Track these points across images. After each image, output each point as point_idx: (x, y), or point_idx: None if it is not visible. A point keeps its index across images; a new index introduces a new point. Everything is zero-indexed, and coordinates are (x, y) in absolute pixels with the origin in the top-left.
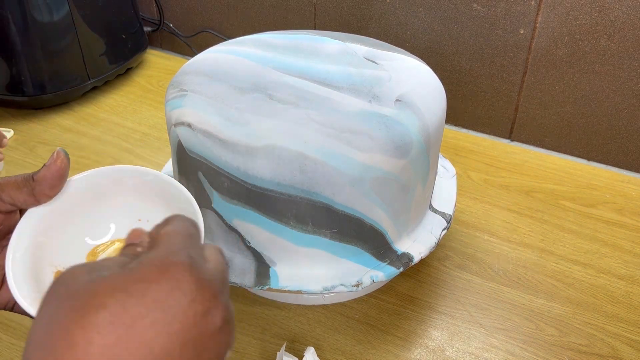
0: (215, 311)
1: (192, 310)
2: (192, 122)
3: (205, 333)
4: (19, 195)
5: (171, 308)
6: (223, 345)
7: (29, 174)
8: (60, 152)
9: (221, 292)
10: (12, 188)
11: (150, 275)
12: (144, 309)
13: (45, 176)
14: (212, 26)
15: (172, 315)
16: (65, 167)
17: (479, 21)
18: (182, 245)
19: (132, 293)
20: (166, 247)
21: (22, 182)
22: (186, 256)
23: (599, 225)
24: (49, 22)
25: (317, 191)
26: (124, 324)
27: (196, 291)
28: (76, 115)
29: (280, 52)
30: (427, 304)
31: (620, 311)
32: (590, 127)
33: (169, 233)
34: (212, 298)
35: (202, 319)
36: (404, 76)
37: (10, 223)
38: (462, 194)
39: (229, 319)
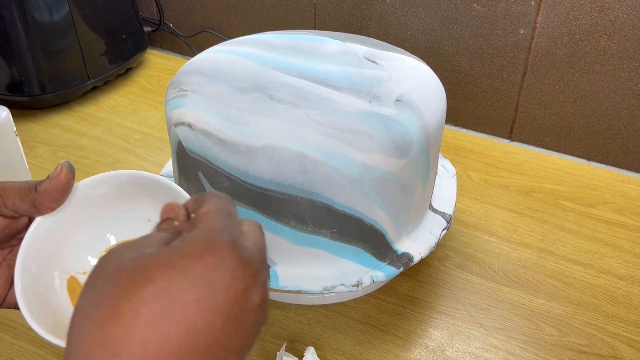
0: (254, 289)
1: (233, 287)
2: (192, 122)
3: (245, 310)
4: (21, 204)
5: (214, 284)
6: (260, 322)
7: (33, 183)
8: (64, 165)
9: (260, 271)
10: (15, 195)
11: (194, 252)
12: (188, 283)
13: (47, 189)
14: (212, 26)
15: (215, 291)
16: (68, 181)
17: (479, 21)
18: (223, 223)
19: (178, 268)
20: (208, 225)
21: (24, 192)
22: (229, 234)
23: (599, 225)
24: (49, 22)
25: (317, 191)
26: (169, 297)
27: (238, 269)
28: (76, 115)
29: (280, 52)
30: (427, 304)
31: (620, 311)
32: (590, 127)
33: (209, 211)
34: (252, 276)
35: (243, 296)
36: (404, 76)
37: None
38: (462, 194)
39: (265, 297)
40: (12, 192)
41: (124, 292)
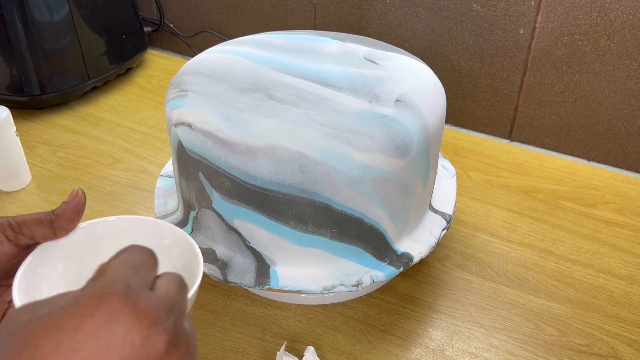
0: (156, 337)
1: (129, 339)
2: (192, 122)
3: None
4: (39, 229)
5: (106, 339)
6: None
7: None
8: (78, 190)
9: (164, 318)
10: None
11: (84, 310)
12: (77, 344)
13: (65, 210)
14: (212, 26)
15: (107, 346)
16: (82, 203)
17: (478, 21)
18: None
19: (66, 329)
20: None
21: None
22: (123, 286)
23: (599, 225)
24: (49, 22)
25: (317, 191)
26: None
27: (131, 320)
28: (76, 115)
29: (280, 52)
30: (427, 304)
31: (620, 311)
32: (590, 127)
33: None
34: (152, 325)
35: (142, 346)
36: (404, 76)
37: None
38: (462, 194)
39: (176, 343)
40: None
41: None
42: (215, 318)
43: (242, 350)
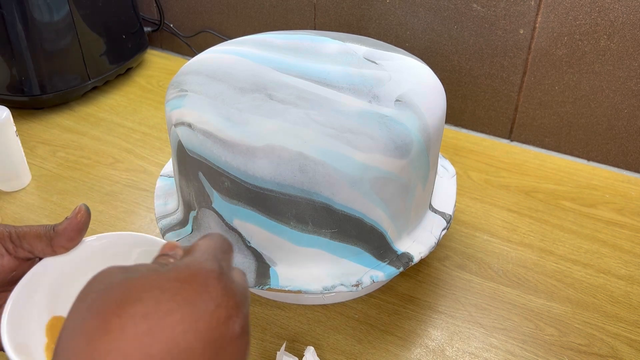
0: (236, 319)
1: (216, 313)
2: (192, 122)
3: (226, 337)
4: (38, 244)
5: (199, 308)
6: (240, 354)
7: (51, 225)
8: (82, 207)
9: (243, 303)
10: (32, 237)
11: (182, 276)
12: (175, 305)
13: (66, 229)
14: (212, 26)
15: (199, 314)
16: (85, 222)
17: (478, 21)
18: (214, 255)
19: (166, 290)
20: (199, 254)
21: (42, 232)
22: (217, 265)
23: (599, 225)
24: (49, 22)
25: (317, 191)
26: (156, 316)
27: (222, 297)
28: (76, 115)
29: (280, 52)
30: (427, 304)
31: (620, 311)
32: (590, 127)
33: (204, 244)
34: (235, 307)
35: (224, 323)
36: (404, 76)
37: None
38: (462, 194)
39: (247, 330)
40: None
41: (114, 308)
42: None
43: None
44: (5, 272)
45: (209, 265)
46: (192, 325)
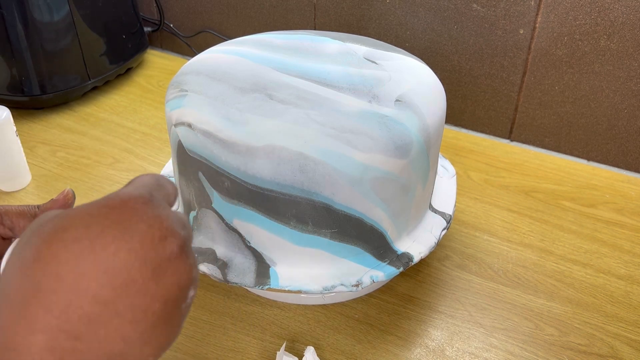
0: (171, 239)
1: (149, 233)
2: (192, 122)
3: (163, 256)
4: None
5: (130, 229)
6: (183, 276)
7: (35, 205)
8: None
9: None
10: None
11: (111, 203)
12: (106, 228)
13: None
14: (212, 26)
15: (130, 234)
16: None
17: (478, 21)
18: (148, 188)
19: (95, 215)
20: (131, 186)
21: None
22: (147, 193)
23: (599, 225)
24: (49, 22)
25: (317, 191)
26: (87, 238)
27: (153, 219)
28: (76, 115)
29: (280, 52)
30: (427, 304)
31: (620, 311)
32: (590, 127)
33: (138, 179)
34: (169, 228)
35: (160, 243)
36: (404, 76)
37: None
38: (462, 194)
39: (187, 252)
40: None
41: (46, 238)
42: (215, 318)
43: (242, 350)
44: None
45: (138, 192)
46: (124, 244)
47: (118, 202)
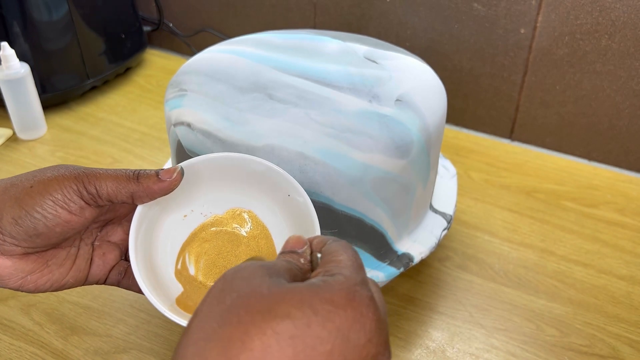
0: (382, 358)
1: (366, 350)
2: (191, 122)
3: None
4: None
5: (350, 341)
6: None
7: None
8: (180, 172)
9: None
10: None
11: (337, 300)
12: (327, 333)
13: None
14: (212, 25)
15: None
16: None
17: (479, 20)
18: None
19: (319, 312)
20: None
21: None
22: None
23: (600, 225)
24: (48, 21)
25: (317, 191)
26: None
27: (374, 331)
28: (75, 115)
29: (280, 51)
30: (428, 305)
31: (621, 312)
32: (591, 127)
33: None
34: (384, 343)
35: None
36: (405, 76)
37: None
38: (462, 194)
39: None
40: (108, 180)
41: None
42: None
43: None
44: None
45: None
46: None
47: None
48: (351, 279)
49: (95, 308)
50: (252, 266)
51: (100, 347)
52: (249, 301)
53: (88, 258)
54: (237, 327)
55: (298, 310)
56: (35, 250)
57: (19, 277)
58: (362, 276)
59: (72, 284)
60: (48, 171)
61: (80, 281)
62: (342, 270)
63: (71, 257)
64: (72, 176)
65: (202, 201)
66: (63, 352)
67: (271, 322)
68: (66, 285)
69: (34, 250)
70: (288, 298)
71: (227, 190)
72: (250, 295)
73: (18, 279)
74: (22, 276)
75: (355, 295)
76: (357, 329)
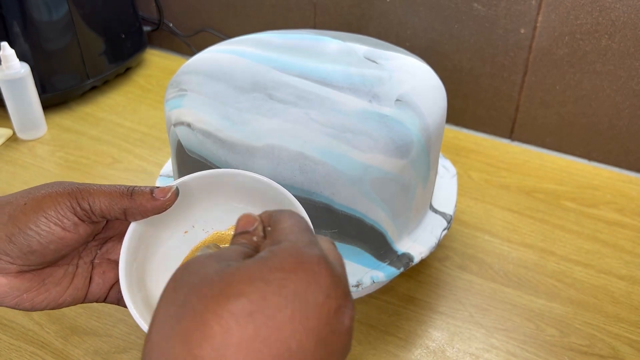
0: (345, 309)
1: (326, 306)
2: (191, 122)
3: (336, 332)
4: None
5: (308, 302)
6: (346, 348)
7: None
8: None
9: (349, 290)
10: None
11: (287, 266)
12: (283, 299)
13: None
14: (212, 25)
15: (309, 309)
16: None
17: (479, 20)
18: (309, 238)
19: (271, 282)
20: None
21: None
22: (319, 250)
23: (600, 225)
24: (48, 21)
25: (317, 191)
26: (263, 314)
27: (331, 286)
28: (75, 115)
29: (280, 51)
30: (428, 305)
31: (621, 311)
32: (592, 127)
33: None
34: (344, 295)
35: (335, 316)
36: (405, 76)
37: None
38: (462, 194)
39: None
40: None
41: (212, 306)
42: None
43: None
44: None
45: (312, 251)
46: (302, 322)
47: (294, 264)
48: (297, 242)
49: (95, 308)
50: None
51: (100, 347)
52: (201, 291)
53: (87, 276)
54: (193, 318)
55: (250, 286)
56: (31, 268)
57: (15, 295)
58: (308, 237)
59: (70, 302)
60: (42, 188)
61: (78, 300)
62: (287, 236)
63: (69, 275)
64: (65, 192)
65: (203, 217)
66: (63, 352)
67: (226, 305)
68: (64, 304)
69: (29, 268)
70: (238, 277)
71: (230, 206)
72: (200, 285)
73: (14, 297)
74: (17, 295)
75: (303, 257)
76: (313, 288)
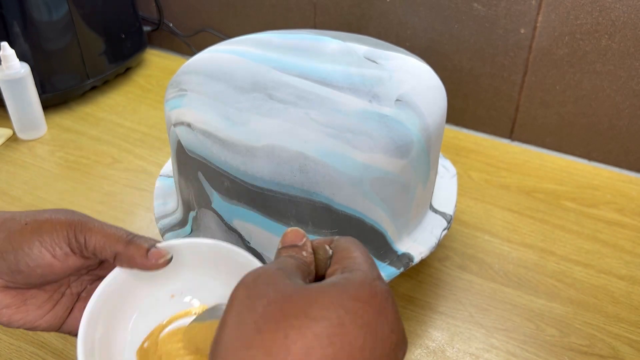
0: (402, 345)
1: (389, 339)
2: (191, 122)
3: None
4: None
5: (377, 333)
6: None
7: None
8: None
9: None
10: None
11: (363, 296)
12: (358, 328)
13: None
14: (212, 25)
15: (377, 340)
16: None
17: (479, 20)
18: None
19: (349, 310)
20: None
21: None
22: (386, 284)
23: (600, 225)
24: (48, 21)
25: (317, 191)
26: (342, 340)
27: (395, 322)
28: (75, 115)
29: (280, 51)
30: (428, 305)
31: (621, 311)
32: (591, 127)
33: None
34: (402, 331)
35: (394, 350)
36: (405, 76)
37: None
38: (462, 194)
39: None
40: (99, 234)
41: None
42: None
43: None
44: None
45: (382, 285)
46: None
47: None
48: (369, 274)
49: None
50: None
51: None
52: (283, 306)
53: (69, 307)
54: (275, 332)
55: (331, 311)
56: (16, 285)
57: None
58: (377, 271)
59: (45, 328)
60: (47, 212)
61: (53, 327)
62: (359, 266)
63: (52, 301)
64: (66, 222)
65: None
66: (63, 352)
67: (309, 325)
68: (38, 328)
69: (15, 285)
70: (320, 300)
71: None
72: (281, 300)
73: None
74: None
75: (376, 290)
76: (382, 321)
